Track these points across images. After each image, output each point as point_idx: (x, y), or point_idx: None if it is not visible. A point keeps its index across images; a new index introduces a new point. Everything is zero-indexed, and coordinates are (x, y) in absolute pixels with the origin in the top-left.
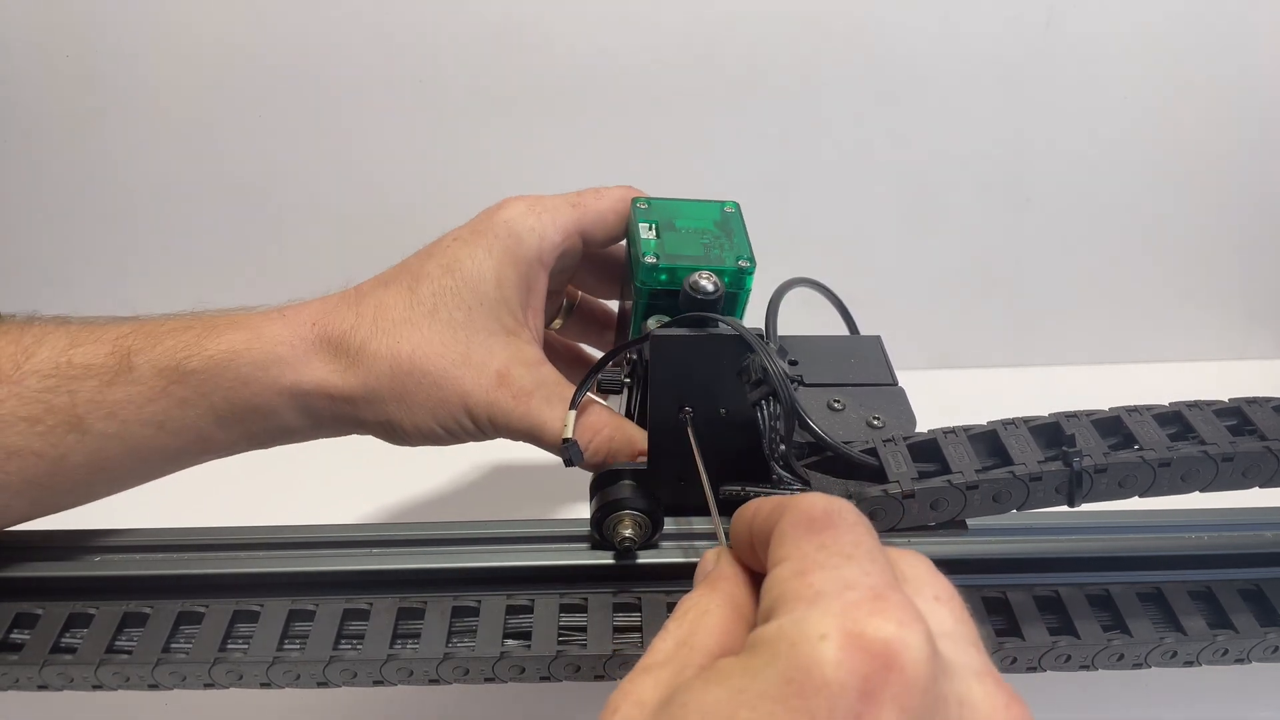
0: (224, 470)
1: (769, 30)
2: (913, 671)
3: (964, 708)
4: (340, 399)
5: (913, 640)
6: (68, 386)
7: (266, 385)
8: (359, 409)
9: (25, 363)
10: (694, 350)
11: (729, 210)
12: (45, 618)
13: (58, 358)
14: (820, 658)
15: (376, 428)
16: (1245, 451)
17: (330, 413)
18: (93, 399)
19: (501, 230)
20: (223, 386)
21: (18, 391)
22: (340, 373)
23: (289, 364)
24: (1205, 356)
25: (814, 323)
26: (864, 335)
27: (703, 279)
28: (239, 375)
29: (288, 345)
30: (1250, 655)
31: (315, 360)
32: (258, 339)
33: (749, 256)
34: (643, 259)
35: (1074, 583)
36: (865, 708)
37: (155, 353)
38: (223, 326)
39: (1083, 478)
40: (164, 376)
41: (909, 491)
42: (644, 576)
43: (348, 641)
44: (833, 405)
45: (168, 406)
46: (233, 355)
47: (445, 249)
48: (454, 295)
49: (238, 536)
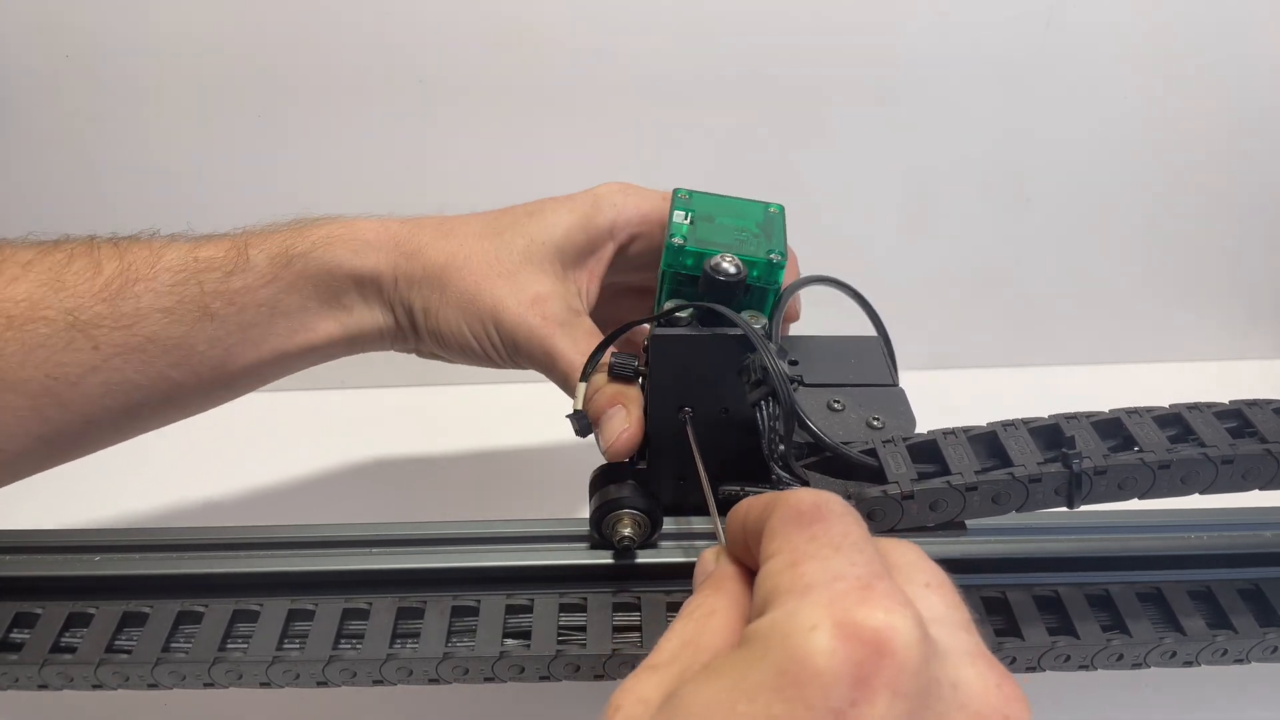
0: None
1: (769, 30)
2: (904, 656)
3: (957, 690)
4: (402, 282)
5: (902, 626)
6: (195, 279)
7: (355, 265)
8: (414, 294)
9: (158, 262)
10: (694, 349)
11: (773, 212)
12: (45, 617)
13: (185, 256)
14: (812, 648)
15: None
16: (1245, 454)
17: (395, 299)
18: (217, 288)
19: (588, 199)
20: (321, 268)
21: (153, 287)
22: (407, 258)
23: (373, 247)
24: (1205, 356)
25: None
26: (865, 336)
27: (724, 261)
28: (335, 256)
29: (375, 233)
30: (1249, 655)
31: (393, 248)
32: (350, 229)
33: (783, 252)
34: (670, 240)
35: (1073, 582)
36: (859, 694)
37: (267, 244)
38: (325, 221)
39: (1082, 479)
40: (274, 263)
41: (908, 492)
42: (643, 576)
43: (347, 641)
44: (832, 405)
45: (277, 291)
46: (330, 240)
47: (539, 203)
48: (522, 228)
49: (237, 536)
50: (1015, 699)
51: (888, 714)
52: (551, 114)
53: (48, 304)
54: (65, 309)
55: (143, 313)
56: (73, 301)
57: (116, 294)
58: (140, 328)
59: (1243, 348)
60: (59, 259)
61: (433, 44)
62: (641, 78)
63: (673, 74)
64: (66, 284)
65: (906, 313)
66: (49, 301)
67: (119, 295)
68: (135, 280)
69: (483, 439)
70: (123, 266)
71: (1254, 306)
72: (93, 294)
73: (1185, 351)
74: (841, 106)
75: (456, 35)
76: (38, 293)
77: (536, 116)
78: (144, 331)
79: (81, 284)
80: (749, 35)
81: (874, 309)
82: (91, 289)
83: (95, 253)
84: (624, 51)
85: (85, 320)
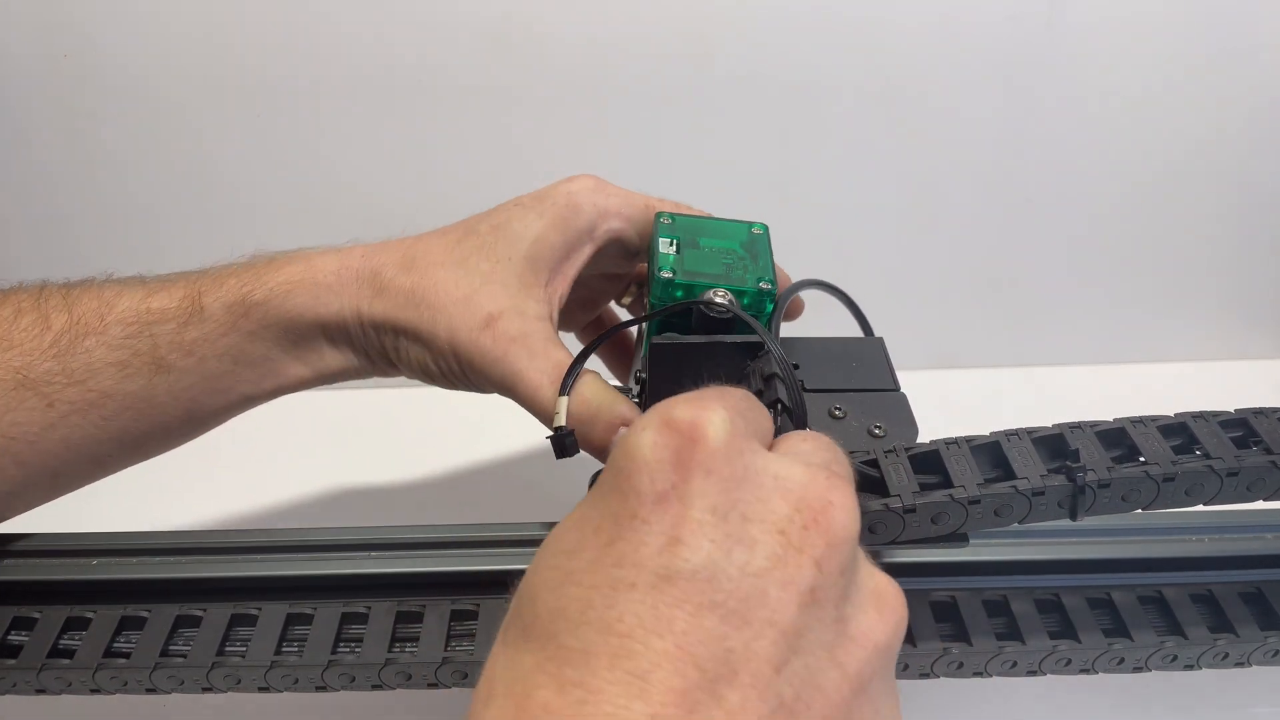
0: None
1: (769, 29)
2: (715, 443)
3: (779, 479)
4: (367, 325)
5: (714, 418)
6: (148, 331)
7: (318, 314)
8: (381, 336)
9: (109, 314)
10: (694, 357)
11: (757, 232)
12: (43, 621)
13: (137, 306)
14: (639, 443)
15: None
16: (1250, 466)
17: (364, 343)
18: (172, 340)
19: (562, 199)
20: (284, 316)
21: (105, 340)
22: (369, 300)
23: (334, 292)
24: (1205, 356)
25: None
26: (866, 338)
27: (716, 296)
28: (296, 304)
29: (335, 275)
30: (1251, 659)
31: (354, 289)
32: (310, 270)
33: (771, 279)
34: (659, 274)
35: (1075, 586)
36: (677, 476)
37: (222, 291)
38: (281, 261)
39: (1086, 492)
40: (232, 312)
41: (910, 506)
42: None
43: (346, 645)
44: (833, 413)
45: (238, 340)
46: (290, 286)
47: (503, 210)
48: (489, 249)
49: (235, 539)
50: (838, 489)
51: (703, 489)
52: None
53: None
54: (13, 367)
55: (95, 368)
56: (20, 359)
57: (66, 350)
58: (94, 383)
59: (1243, 348)
60: (5, 315)
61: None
62: (641, 77)
63: (672, 74)
64: (15, 341)
65: (906, 312)
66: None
67: (69, 351)
68: (85, 334)
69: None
70: (72, 320)
71: (1254, 306)
72: (41, 350)
73: (1185, 351)
74: (842, 106)
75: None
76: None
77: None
78: (98, 387)
79: (30, 340)
80: (749, 35)
81: (861, 311)
82: (40, 345)
83: (43, 305)
84: (623, 51)
85: (34, 378)
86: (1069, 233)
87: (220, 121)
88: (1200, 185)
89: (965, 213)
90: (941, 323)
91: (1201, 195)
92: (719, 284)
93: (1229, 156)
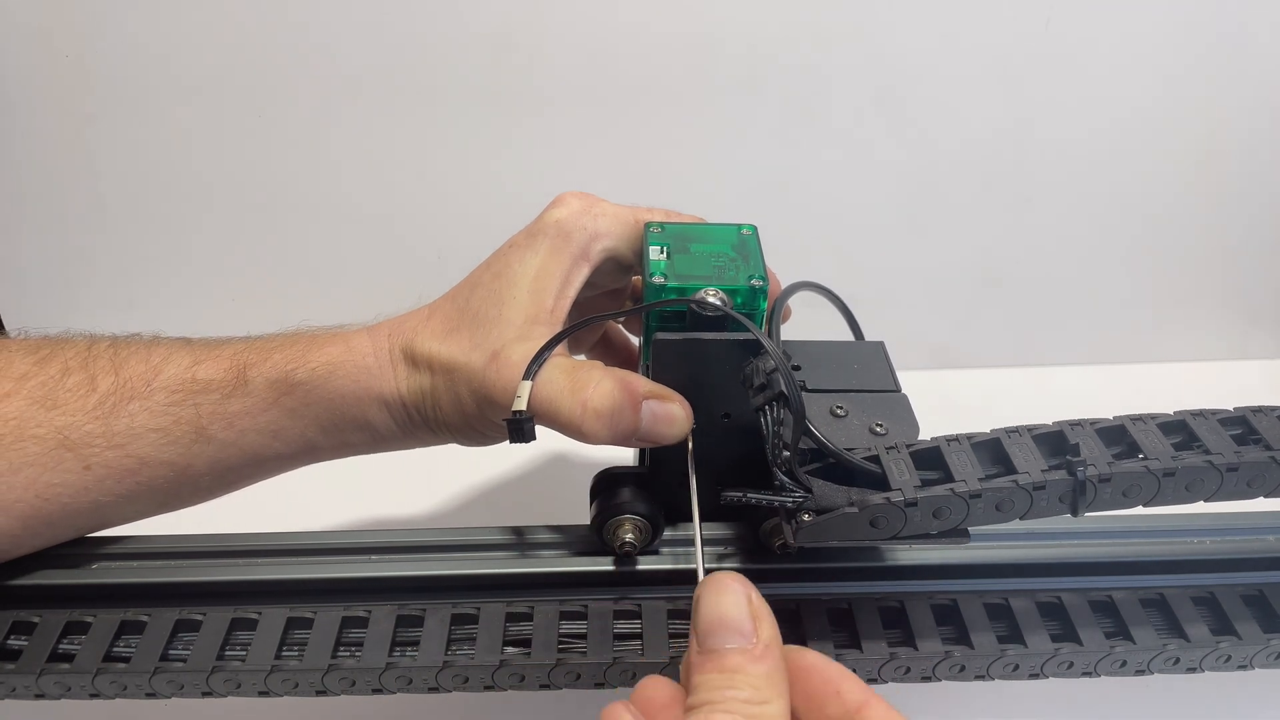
0: None
1: (768, 30)
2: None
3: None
4: (405, 398)
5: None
6: (192, 400)
7: (359, 395)
8: (420, 408)
9: (155, 379)
10: (696, 354)
11: (746, 233)
12: (42, 625)
13: (183, 374)
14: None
15: (439, 429)
16: (1250, 461)
17: (408, 418)
18: (214, 411)
19: (551, 230)
20: (324, 397)
21: (149, 406)
22: (407, 378)
23: (375, 374)
24: (1205, 356)
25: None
26: (868, 341)
27: (709, 296)
28: (337, 387)
29: (373, 357)
30: (1253, 661)
31: (394, 369)
32: (349, 352)
33: (763, 276)
34: (651, 279)
35: (1076, 588)
36: None
37: (265, 367)
38: (323, 340)
39: (1086, 487)
40: (275, 389)
41: (911, 500)
42: (645, 582)
43: (346, 649)
44: (835, 411)
45: (278, 416)
46: (332, 367)
47: (501, 257)
48: (496, 296)
49: (235, 543)
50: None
51: None
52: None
53: (38, 422)
54: (56, 427)
55: (136, 432)
56: (64, 419)
57: (110, 412)
58: (133, 447)
59: (1243, 348)
60: (53, 373)
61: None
62: (641, 78)
63: (672, 74)
64: (59, 401)
65: (906, 312)
66: (39, 419)
67: (113, 414)
68: (130, 398)
69: None
70: (118, 383)
71: (1254, 307)
72: (86, 412)
73: (1185, 351)
74: (842, 106)
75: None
76: (28, 410)
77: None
78: (137, 452)
79: (75, 401)
80: (748, 35)
81: (852, 313)
82: (85, 406)
83: (91, 366)
84: (623, 51)
85: (76, 439)
86: (1068, 233)
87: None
88: (1200, 185)
89: (965, 213)
90: (941, 323)
91: (1201, 195)
92: (711, 285)
93: (1229, 156)
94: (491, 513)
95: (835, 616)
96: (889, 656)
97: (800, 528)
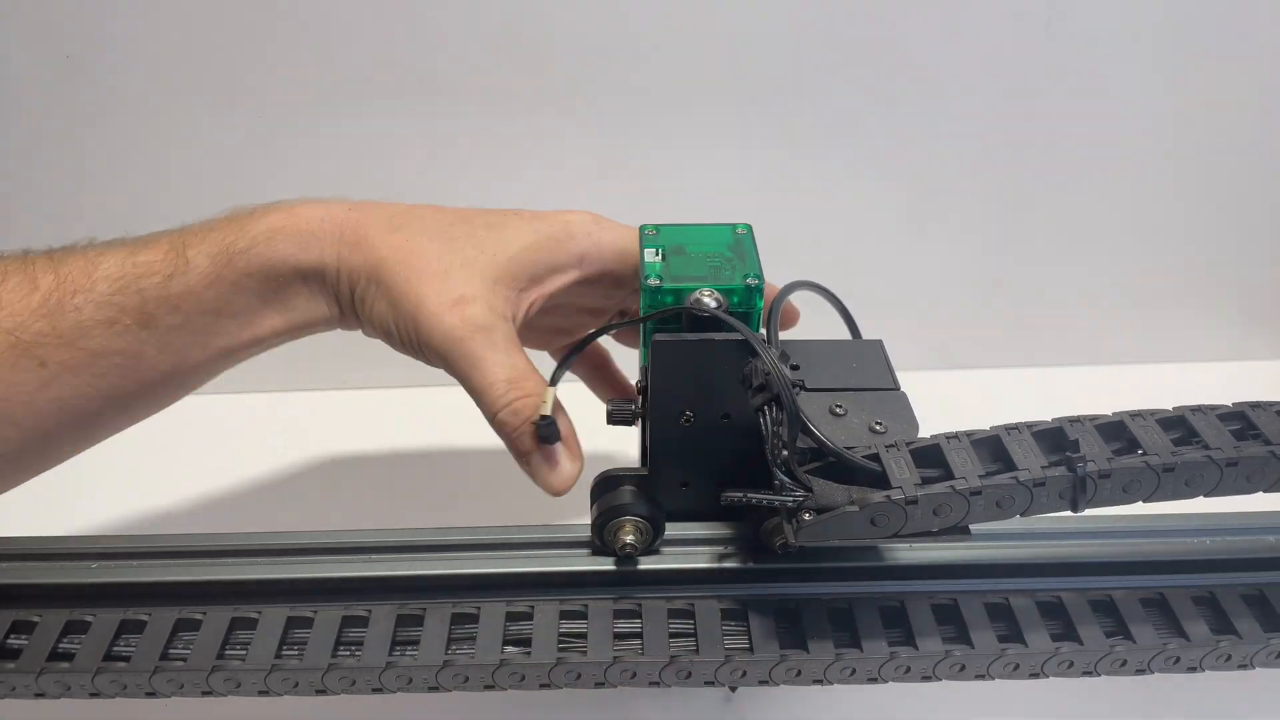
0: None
1: (769, 30)
2: None
3: None
4: (344, 273)
5: None
6: (135, 286)
7: (299, 259)
8: (354, 286)
9: (95, 271)
10: (695, 354)
11: (741, 233)
12: (42, 624)
13: (122, 262)
14: None
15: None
16: (1249, 456)
17: (337, 291)
18: (158, 295)
19: (558, 223)
20: (265, 264)
21: (92, 299)
22: (350, 249)
23: (317, 239)
24: (1205, 357)
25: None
26: (866, 339)
27: (705, 296)
28: (278, 251)
29: (319, 223)
30: (1253, 661)
31: (336, 237)
32: (292, 218)
33: (758, 274)
34: (646, 282)
35: (1076, 588)
36: None
37: (206, 243)
38: (263, 211)
39: (1086, 483)
40: (215, 262)
41: (912, 497)
42: (645, 582)
43: (346, 648)
44: (835, 410)
45: (221, 292)
46: (273, 232)
47: (502, 214)
48: (478, 241)
49: (235, 542)
50: None
51: None
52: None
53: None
54: (5, 329)
55: (85, 326)
56: (11, 321)
57: (55, 309)
58: (84, 342)
59: (1243, 348)
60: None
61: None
62: (641, 78)
63: (672, 75)
64: (4, 302)
65: (907, 312)
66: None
67: (58, 310)
68: (73, 293)
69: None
70: (59, 279)
71: (1254, 307)
72: (31, 310)
73: (1185, 351)
74: (842, 106)
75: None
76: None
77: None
78: (88, 346)
79: (19, 301)
80: (748, 35)
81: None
82: (29, 306)
83: (30, 268)
84: (622, 51)
85: (27, 340)
86: (1069, 233)
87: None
88: (1200, 185)
89: (965, 213)
90: (941, 323)
91: (1202, 195)
92: (706, 285)
93: (1229, 156)
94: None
95: (835, 616)
96: (889, 656)
97: (801, 527)
